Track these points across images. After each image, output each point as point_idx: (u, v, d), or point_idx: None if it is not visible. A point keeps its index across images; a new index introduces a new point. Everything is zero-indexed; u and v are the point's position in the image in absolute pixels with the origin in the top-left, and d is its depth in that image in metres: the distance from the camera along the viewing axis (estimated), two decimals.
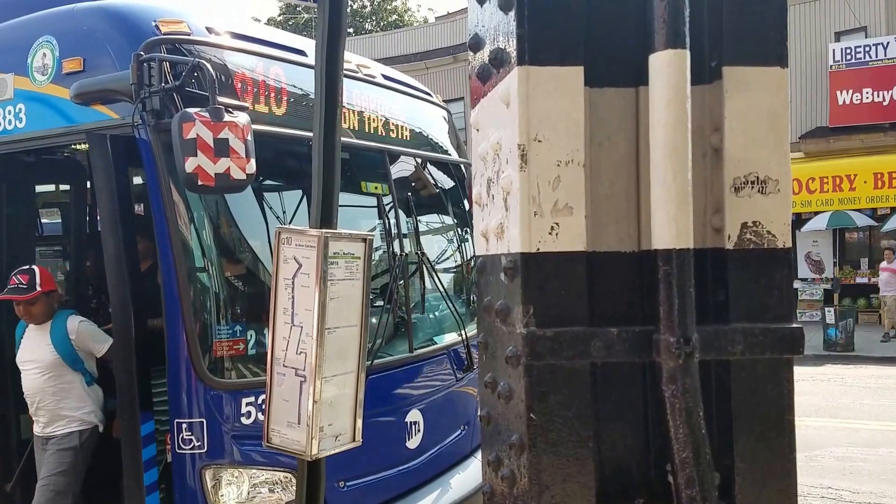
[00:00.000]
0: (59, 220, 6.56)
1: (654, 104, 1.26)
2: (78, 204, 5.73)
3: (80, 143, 4.54)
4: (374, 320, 4.43)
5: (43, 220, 6.55)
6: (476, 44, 1.59)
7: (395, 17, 45.35)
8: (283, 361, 2.16)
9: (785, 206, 1.36)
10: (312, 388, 2.09)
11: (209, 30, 3.94)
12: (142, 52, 3.52)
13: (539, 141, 1.30)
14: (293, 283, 2.15)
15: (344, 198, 4.99)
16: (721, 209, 1.39)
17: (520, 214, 1.31)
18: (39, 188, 5.76)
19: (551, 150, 1.30)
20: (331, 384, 2.17)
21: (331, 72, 2.25)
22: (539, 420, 1.32)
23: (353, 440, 2.32)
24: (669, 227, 1.24)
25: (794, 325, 1.35)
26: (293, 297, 2.14)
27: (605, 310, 1.39)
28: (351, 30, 41.16)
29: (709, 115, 1.40)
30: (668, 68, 1.23)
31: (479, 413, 1.63)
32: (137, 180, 4.56)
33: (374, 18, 45.44)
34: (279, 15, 41.66)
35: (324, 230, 2.14)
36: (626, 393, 1.38)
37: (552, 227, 1.31)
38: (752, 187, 1.35)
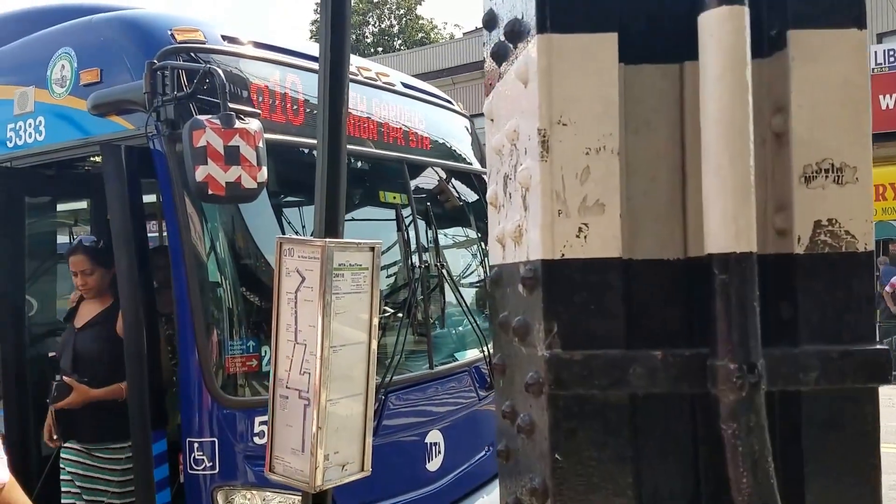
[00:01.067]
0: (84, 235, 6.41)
1: (707, 74, 1.00)
2: (99, 219, 5.55)
3: (97, 156, 4.37)
4: (392, 335, 4.19)
5: (63, 235, 6.42)
6: (491, 20, 1.34)
7: (421, 35, 45.48)
8: (286, 383, 1.91)
9: (866, 199, 1.09)
10: (316, 412, 1.85)
11: (227, 38, 3.76)
12: (154, 61, 3.33)
13: (564, 125, 1.04)
14: (296, 297, 1.91)
15: (362, 209, 4.81)
16: (786, 206, 1.12)
17: (541, 214, 1.05)
18: (61, 202, 5.61)
19: (578, 136, 1.04)
20: (337, 408, 1.92)
21: (335, 68, 2.02)
22: (566, 462, 1.05)
23: (362, 469, 2.06)
24: (727, 225, 0.97)
25: (879, 347, 1.07)
26: (296, 313, 1.91)
27: (646, 328, 1.12)
28: (380, 48, 41.33)
29: (768, 93, 1.13)
30: (723, 29, 0.97)
31: (496, 446, 1.37)
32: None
33: (401, 37, 45.63)
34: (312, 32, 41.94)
35: (328, 240, 1.90)
36: (672, 430, 1.10)
37: (580, 229, 1.05)
38: (826, 176, 1.07)
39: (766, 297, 1.10)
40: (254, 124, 2.95)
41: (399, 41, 44.72)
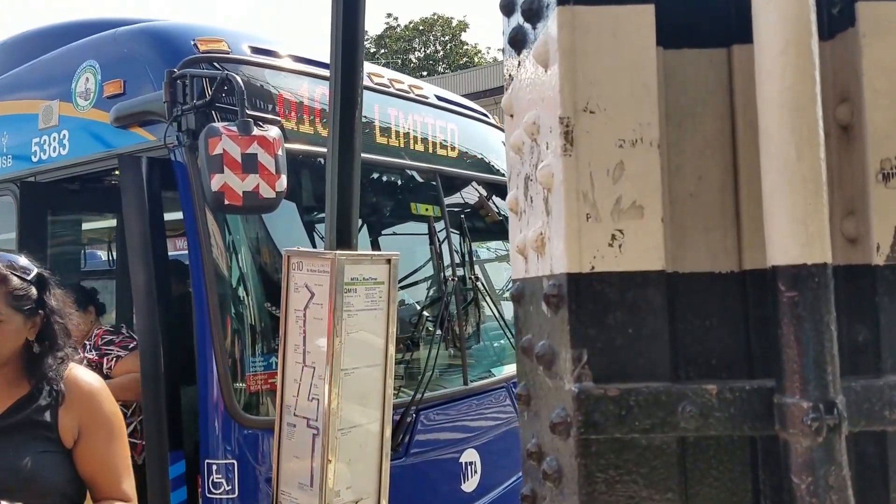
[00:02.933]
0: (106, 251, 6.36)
1: (766, 52, 0.81)
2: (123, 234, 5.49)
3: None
4: (425, 350, 4.02)
5: (89, 251, 6.38)
6: (509, 3, 1.17)
7: (465, 59, 46.11)
8: (294, 409, 1.76)
9: None
10: (326, 442, 1.68)
11: (254, 49, 3.66)
12: (174, 70, 3.24)
13: (591, 112, 0.87)
14: (304, 315, 1.76)
15: (395, 221, 4.68)
16: (858, 209, 0.93)
17: (565, 218, 0.88)
18: (86, 218, 5.56)
19: (609, 125, 0.87)
20: (349, 437, 1.75)
21: (346, 73, 1.87)
22: None
23: None
24: (795, 232, 0.78)
25: None
26: (305, 332, 1.75)
27: (695, 356, 0.94)
28: (424, 72, 41.73)
29: (831, 81, 0.95)
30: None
31: (521, 488, 1.19)
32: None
33: (446, 61, 46.29)
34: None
35: (338, 252, 1.74)
36: (729, 482, 0.91)
37: (613, 237, 0.87)
38: None
39: (838, 317, 0.91)
40: (273, 131, 2.82)
41: (443, 66, 45.43)
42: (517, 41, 1.11)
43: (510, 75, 1.21)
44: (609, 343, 0.87)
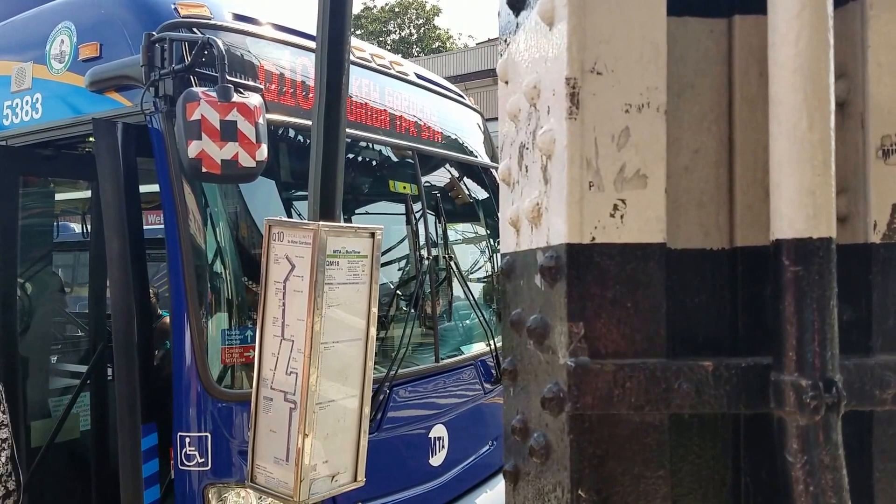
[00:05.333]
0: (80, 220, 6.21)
1: (780, 15, 0.78)
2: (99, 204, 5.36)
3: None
4: (398, 328, 3.99)
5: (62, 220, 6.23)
6: None
7: (438, 43, 46.19)
8: (271, 383, 1.71)
9: None
10: (303, 417, 1.64)
11: (237, 16, 3.56)
12: (153, 33, 3.14)
13: (599, 73, 0.83)
14: (284, 287, 1.70)
15: (370, 198, 4.62)
16: (851, 187, 0.91)
17: (567, 187, 0.84)
18: (60, 186, 5.42)
19: (617, 88, 0.83)
20: (327, 412, 1.71)
21: (334, 43, 1.81)
22: (592, 499, 0.84)
23: (355, 479, 1.85)
24: (804, 204, 0.76)
25: None
26: (284, 305, 1.70)
27: (689, 333, 0.91)
28: (399, 55, 41.60)
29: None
30: None
31: (504, 464, 1.16)
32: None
33: (419, 45, 46.29)
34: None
35: (321, 223, 1.69)
36: (722, 460, 0.89)
37: (616, 206, 0.84)
38: None
39: None
40: (254, 99, 2.74)
41: (417, 49, 45.46)
42: (516, 2, 1.07)
43: (506, 40, 1.16)
44: (607, 317, 0.84)
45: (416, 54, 43.30)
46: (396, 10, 47.87)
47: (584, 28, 0.82)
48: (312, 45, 3.69)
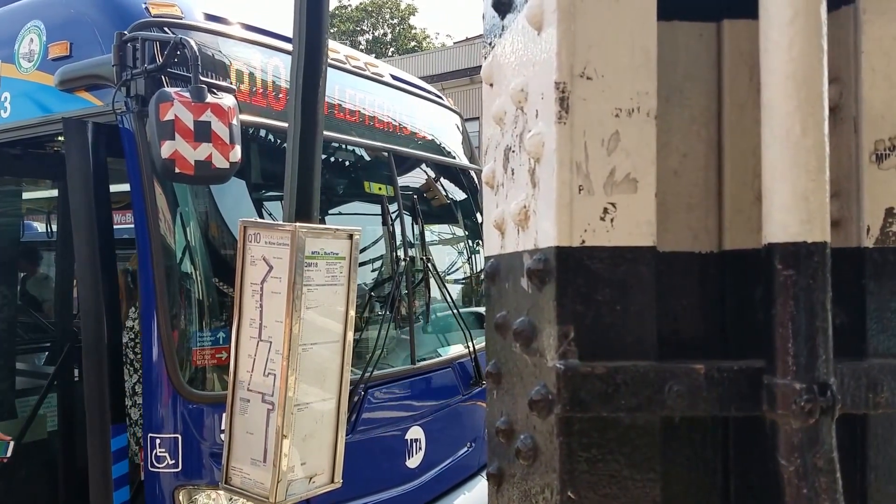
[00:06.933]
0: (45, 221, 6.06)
1: (772, 24, 0.77)
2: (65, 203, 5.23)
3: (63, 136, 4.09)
4: (374, 330, 3.96)
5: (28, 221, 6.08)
6: None
7: (413, 43, 45.70)
8: (248, 385, 1.67)
9: None
10: (281, 418, 1.61)
11: (209, 16, 3.50)
12: (124, 32, 3.07)
13: (588, 78, 0.82)
14: (262, 289, 1.67)
15: (346, 199, 4.57)
16: (843, 191, 0.91)
17: (556, 190, 0.83)
18: (28, 187, 5.29)
19: (607, 93, 0.82)
20: (305, 413, 1.68)
21: (311, 39, 1.77)
22: (581, 500, 0.82)
23: (332, 481, 1.83)
24: (797, 208, 0.75)
25: None
26: (261, 307, 1.67)
27: (676, 336, 0.90)
28: (373, 55, 41.26)
29: None
30: None
31: (487, 467, 1.14)
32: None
33: (394, 45, 45.83)
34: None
35: (299, 224, 1.66)
36: (713, 463, 0.88)
37: (605, 210, 0.82)
38: None
39: None
40: (228, 100, 2.70)
41: (392, 49, 44.95)
42: (502, 5, 1.05)
43: (490, 42, 1.15)
44: (596, 320, 0.82)
45: (390, 54, 42.84)
46: (369, 9, 47.16)
47: (574, 33, 0.81)
48: (284, 45, 3.68)
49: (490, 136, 1.14)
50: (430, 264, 4.43)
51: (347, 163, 4.39)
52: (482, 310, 5.31)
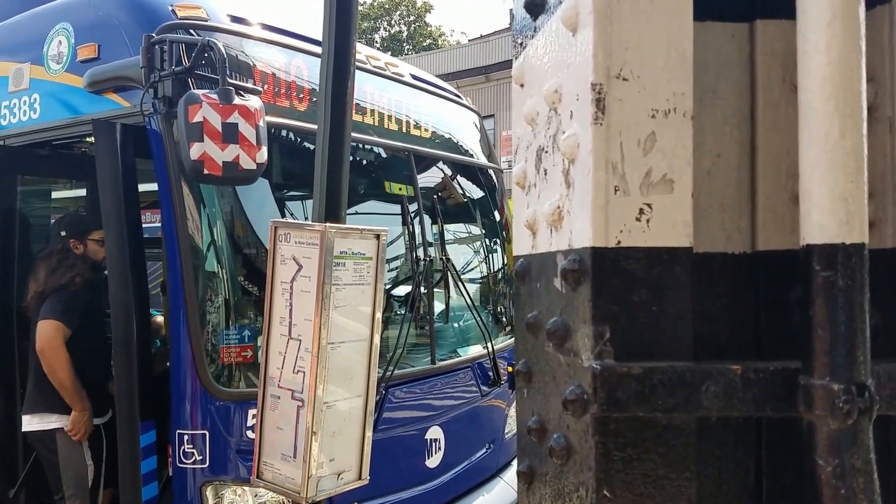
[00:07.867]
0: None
1: (809, 26, 0.77)
2: (96, 203, 5.30)
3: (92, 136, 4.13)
4: (394, 330, 3.97)
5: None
6: None
7: (429, 41, 45.61)
8: (279, 381, 1.69)
9: None
10: (311, 415, 1.62)
11: (233, 18, 3.53)
12: (153, 35, 3.10)
13: (625, 79, 0.82)
14: (291, 287, 1.68)
15: (366, 199, 4.58)
16: (879, 192, 0.90)
17: (592, 191, 0.83)
18: (57, 186, 5.36)
19: (643, 94, 0.82)
20: (334, 410, 1.69)
21: (340, 41, 1.79)
22: (617, 500, 0.83)
23: (360, 478, 1.84)
24: (836, 210, 0.74)
25: None
26: (291, 305, 1.68)
27: (710, 336, 0.90)
28: (389, 52, 41.26)
29: None
30: None
31: (518, 465, 1.14)
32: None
33: (410, 42, 45.76)
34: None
35: (328, 225, 1.67)
36: (748, 463, 0.88)
37: (641, 210, 0.82)
38: None
39: None
40: (254, 101, 2.72)
41: (408, 46, 44.88)
42: (534, 6, 1.05)
43: (521, 43, 1.15)
44: (632, 320, 0.82)
45: (406, 52, 42.76)
46: (387, 6, 47.11)
47: (610, 34, 0.81)
48: (307, 46, 3.70)
49: (521, 137, 1.14)
50: (450, 264, 4.43)
51: (367, 162, 4.41)
52: (503, 310, 5.30)
